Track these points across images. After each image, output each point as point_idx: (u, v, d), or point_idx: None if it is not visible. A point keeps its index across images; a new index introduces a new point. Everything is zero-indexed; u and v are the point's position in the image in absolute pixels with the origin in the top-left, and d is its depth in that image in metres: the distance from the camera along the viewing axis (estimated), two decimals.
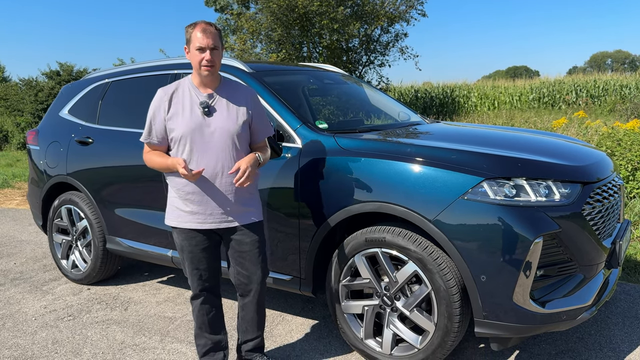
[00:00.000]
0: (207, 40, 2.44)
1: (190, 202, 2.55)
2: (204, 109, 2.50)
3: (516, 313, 2.45)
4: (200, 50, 2.45)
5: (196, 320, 2.76)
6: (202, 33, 2.44)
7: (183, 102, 2.53)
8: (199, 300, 2.72)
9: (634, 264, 4.34)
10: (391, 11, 17.13)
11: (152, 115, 2.58)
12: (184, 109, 2.51)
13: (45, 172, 4.54)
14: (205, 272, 2.66)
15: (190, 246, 2.61)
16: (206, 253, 2.64)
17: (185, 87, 2.57)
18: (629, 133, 5.79)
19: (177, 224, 2.61)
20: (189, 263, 2.65)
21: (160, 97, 2.56)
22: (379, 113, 4.31)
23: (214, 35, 2.47)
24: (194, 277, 2.67)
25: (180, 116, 2.51)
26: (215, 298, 2.77)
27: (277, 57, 15.78)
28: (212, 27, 2.49)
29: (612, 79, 23.94)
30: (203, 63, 2.46)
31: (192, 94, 2.54)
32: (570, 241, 2.52)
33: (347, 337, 2.98)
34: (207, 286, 2.70)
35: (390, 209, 2.67)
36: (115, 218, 4.03)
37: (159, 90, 2.60)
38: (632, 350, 2.99)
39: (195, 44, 2.44)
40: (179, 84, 2.59)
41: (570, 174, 2.66)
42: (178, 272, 4.69)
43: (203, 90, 2.55)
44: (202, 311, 2.73)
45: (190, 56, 2.51)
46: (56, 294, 4.25)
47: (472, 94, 25.23)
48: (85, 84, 4.58)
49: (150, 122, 2.58)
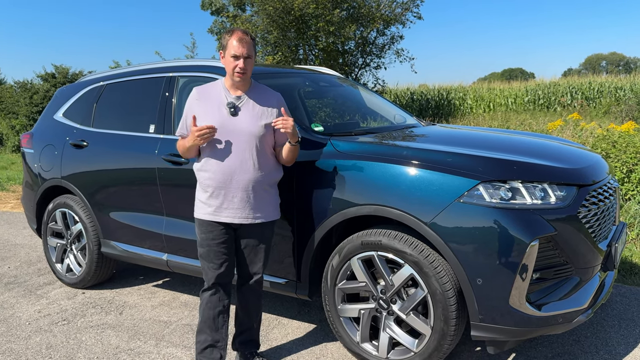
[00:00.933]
0: (242, 49, 2.62)
1: (209, 194, 2.70)
2: (230, 109, 2.67)
3: (512, 316, 2.45)
4: (234, 58, 2.62)
5: (202, 314, 2.81)
6: (239, 42, 2.62)
7: (213, 101, 2.71)
8: (209, 292, 2.79)
9: (630, 266, 4.35)
10: (387, 14, 17.16)
11: (186, 110, 2.76)
12: (212, 108, 2.69)
13: (40, 175, 4.51)
14: (220, 266, 2.75)
15: (208, 239, 2.73)
16: (222, 247, 2.74)
17: (218, 88, 2.75)
18: (623, 135, 5.80)
19: (197, 215, 2.76)
20: (206, 255, 2.75)
21: (194, 95, 2.76)
22: (374, 115, 4.30)
23: (249, 45, 2.64)
24: (209, 271, 2.76)
25: (209, 114, 2.67)
26: (225, 294, 2.83)
27: (273, 59, 15.78)
28: (247, 37, 2.66)
29: (606, 81, 24.04)
30: (236, 70, 2.64)
31: (222, 95, 2.72)
32: (566, 244, 2.51)
33: (343, 341, 2.97)
34: (219, 280, 2.78)
35: (386, 212, 2.66)
36: (110, 221, 4.01)
37: (194, 88, 2.80)
38: (628, 353, 2.99)
39: (231, 51, 2.62)
40: (214, 85, 2.79)
41: (566, 176, 2.66)
42: (173, 276, 4.67)
43: (233, 92, 2.73)
44: (210, 304, 2.79)
45: (224, 61, 2.69)
46: (50, 298, 4.22)
47: (468, 96, 25.28)
48: (80, 86, 4.56)
49: (185, 117, 2.76)
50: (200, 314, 2.83)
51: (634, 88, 22.15)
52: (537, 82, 26.73)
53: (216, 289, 2.79)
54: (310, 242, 2.96)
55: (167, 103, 3.70)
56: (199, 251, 2.80)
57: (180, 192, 3.44)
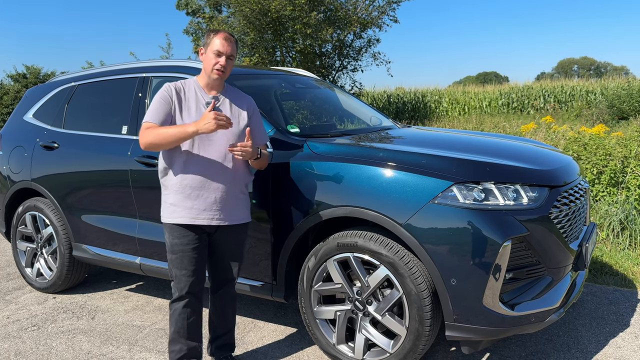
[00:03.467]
0: (227, 47, 2.60)
1: (187, 196, 2.59)
2: (208, 106, 2.59)
3: (486, 316, 2.47)
4: (217, 55, 2.59)
5: (174, 324, 2.71)
6: (225, 40, 2.60)
7: (189, 99, 2.63)
8: (182, 303, 2.68)
9: (600, 265, 4.44)
10: (364, 17, 17.27)
11: (156, 102, 2.60)
12: (190, 107, 2.62)
13: (9, 178, 4.40)
14: (193, 273, 2.66)
15: (182, 245, 2.62)
16: (196, 253, 2.65)
17: (191, 87, 2.67)
18: (594, 137, 5.93)
19: (169, 220, 2.63)
20: (178, 263, 2.64)
21: (168, 89, 2.62)
22: (351, 118, 4.31)
23: (233, 45, 2.64)
24: (182, 278, 2.65)
25: (187, 113, 2.60)
26: (197, 302, 2.74)
27: (250, 61, 15.72)
28: (233, 38, 2.66)
29: (578, 85, 24.61)
30: (217, 67, 2.59)
31: (197, 94, 2.66)
32: (538, 244, 2.55)
33: (319, 343, 2.96)
34: (193, 289, 2.68)
35: (361, 214, 2.67)
36: (81, 225, 3.93)
37: (166, 84, 2.65)
38: (599, 351, 3.05)
39: (214, 48, 2.59)
40: (185, 83, 2.68)
41: (538, 178, 2.70)
42: (147, 280, 4.60)
43: (209, 92, 2.68)
44: (182, 315, 2.69)
45: (204, 58, 2.64)
46: (20, 303, 4.11)
47: (444, 99, 25.61)
48: (50, 87, 4.46)
49: (156, 107, 2.58)
50: (172, 324, 2.72)
51: (604, 92, 22.72)
52: (511, 85, 27.22)
53: (189, 298, 2.68)
54: (286, 244, 2.94)
55: (140, 104, 3.64)
56: (170, 258, 2.67)
57: (154, 194, 3.37)
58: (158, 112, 2.57)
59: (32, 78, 18.34)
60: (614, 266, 4.43)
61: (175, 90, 2.63)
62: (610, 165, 5.36)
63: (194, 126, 2.44)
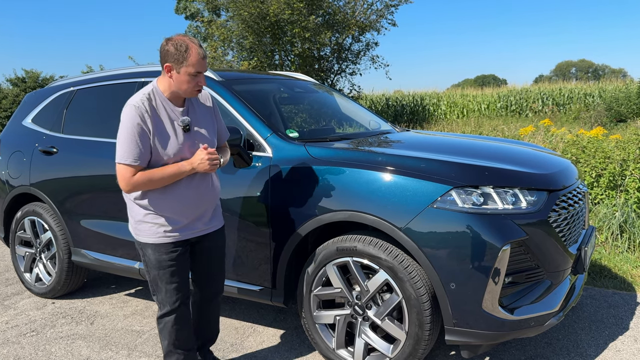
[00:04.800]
0: (204, 66, 2.40)
1: (174, 213, 2.49)
2: (185, 126, 2.46)
3: (486, 320, 2.47)
4: (196, 75, 2.39)
5: (168, 337, 2.64)
6: (203, 59, 2.38)
7: (162, 119, 2.42)
8: (172, 316, 2.60)
9: (599, 269, 4.44)
10: (362, 20, 17.30)
11: (131, 133, 2.33)
12: (166, 128, 2.43)
13: (8, 183, 4.40)
14: (182, 284, 2.60)
15: (171, 260, 2.52)
16: (184, 264, 2.60)
17: (157, 101, 2.43)
18: (592, 140, 5.94)
19: (156, 240, 2.50)
20: (168, 277, 2.53)
21: (139, 112, 2.34)
22: (350, 122, 4.32)
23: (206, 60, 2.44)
24: (172, 291, 2.56)
25: (167, 135, 2.42)
26: (187, 310, 2.70)
27: (249, 64, 15.74)
28: (203, 50, 2.41)
29: (576, 88, 24.67)
30: (196, 87, 2.42)
31: (166, 110, 2.45)
32: (537, 248, 2.55)
33: (319, 348, 2.96)
34: (183, 299, 2.63)
35: (361, 218, 2.67)
36: (80, 230, 3.93)
37: (131, 106, 2.36)
38: (598, 354, 3.05)
39: (191, 68, 2.36)
40: (150, 98, 2.42)
41: (537, 181, 2.71)
42: (146, 285, 4.58)
43: (175, 103, 2.48)
44: (175, 327, 2.62)
45: (178, 78, 2.39)
46: (19, 308, 4.11)
47: (442, 103, 25.63)
48: (49, 92, 4.47)
49: (134, 141, 2.33)
50: (165, 337, 2.64)
51: (602, 94, 22.76)
52: (509, 88, 27.28)
53: (180, 310, 2.61)
54: (286, 249, 2.94)
55: None
56: (157, 274, 2.54)
57: None
58: (138, 148, 2.34)
59: (30, 82, 18.35)
60: (613, 269, 4.43)
61: (146, 112, 2.36)
62: (609, 168, 5.37)
63: (189, 165, 2.41)
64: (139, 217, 2.53)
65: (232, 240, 3.09)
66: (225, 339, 3.42)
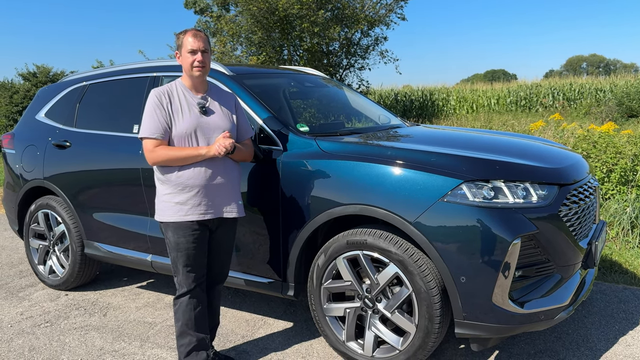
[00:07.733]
0: (198, 43, 2.67)
1: (192, 194, 2.66)
2: (201, 108, 2.70)
3: (495, 313, 2.48)
4: (192, 53, 2.66)
5: (182, 317, 2.77)
6: (194, 37, 2.67)
7: (180, 102, 2.70)
8: (188, 296, 2.76)
9: (610, 264, 4.43)
10: (371, 15, 17.24)
11: (152, 111, 2.66)
12: (183, 109, 2.69)
13: (22, 176, 4.46)
14: (199, 267, 2.76)
15: (188, 242, 2.69)
16: (202, 248, 2.75)
17: (178, 90, 2.73)
18: (603, 135, 5.91)
19: (177, 219, 2.67)
20: (185, 259, 2.71)
21: (158, 95, 2.68)
22: (359, 116, 4.33)
23: (204, 40, 2.71)
24: (189, 274, 2.73)
25: (181, 115, 2.67)
26: (202, 293, 2.82)
27: (258, 59, 15.74)
28: (201, 33, 2.72)
29: (587, 83, 24.46)
30: (195, 64, 2.67)
31: (186, 96, 2.72)
32: (548, 242, 2.56)
33: (329, 340, 2.99)
34: (199, 281, 2.77)
35: (371, 212, 2.68)
36: (93, 222, 3.98)
37: (152, 90, 2.71)
38: (608, 349, 3.05)
39: (187, 47, 2.66)
40: (171, 87, 2.74)
41: (547, 176, 2.71)
42: (158, 277, 4.64)
43: (195, 93, 2.75)
44: (189, 306, 2.76)
45: (182, 60, 2.72)
46: (33, 300, 4.17)
47: (451, 97, 25.52)
48: (62, 86, 4.51)
49: (155, 118, 2.65)
50: (179, 318, 2.78)
51: (613, 89, 22.56)
52: (519, 83, 27.09)
53: (195, 291, 2.77)
54: (296, 242, 2.97)
55: None
56: (175, 256, 2.72)
57: None
58: (158, 123, 2.65)
59: (42, 77, 18.45)
60: (623, 264, 4.41)
61: (165, 95, 2.69)
62: (620, 163, 5.34)
63: (207, 150, 2.63)
64: (161, 197, 2.74)
65: (243, 232, 3.12)
66: (236, 331, 3.46)
